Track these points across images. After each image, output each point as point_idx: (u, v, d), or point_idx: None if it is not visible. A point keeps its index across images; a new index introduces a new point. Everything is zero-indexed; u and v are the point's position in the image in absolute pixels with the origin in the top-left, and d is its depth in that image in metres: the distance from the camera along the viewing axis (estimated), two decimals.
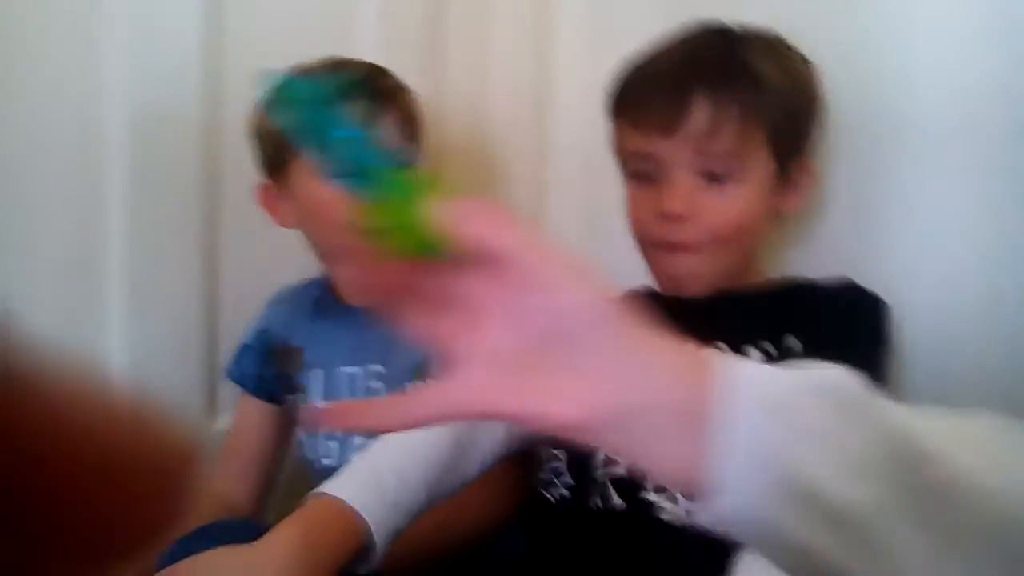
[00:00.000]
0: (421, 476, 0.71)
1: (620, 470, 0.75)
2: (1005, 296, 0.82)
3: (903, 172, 0.88)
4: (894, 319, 0.79)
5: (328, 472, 0.96)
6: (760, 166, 0.79)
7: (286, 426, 1.07)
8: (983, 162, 0.83)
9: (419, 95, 1.00)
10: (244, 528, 0.69)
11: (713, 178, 0.78)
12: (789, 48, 0.83)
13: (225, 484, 1.04)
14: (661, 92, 0.78)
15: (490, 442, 0.79)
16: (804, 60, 0.83)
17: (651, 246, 0.82)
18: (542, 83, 1.18)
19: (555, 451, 0.81)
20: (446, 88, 1.22)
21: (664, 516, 0.73)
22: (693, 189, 0.78)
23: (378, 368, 0.98)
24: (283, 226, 0.99)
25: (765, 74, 0.78)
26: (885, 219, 0.90)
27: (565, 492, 0.79)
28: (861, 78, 0.89)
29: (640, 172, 0.82)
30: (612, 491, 0.75)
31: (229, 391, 1.08)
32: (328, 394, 1.00)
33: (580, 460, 0.78)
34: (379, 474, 0.70)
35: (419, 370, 0.95)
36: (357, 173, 0.38)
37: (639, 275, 0.89)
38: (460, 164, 1.25)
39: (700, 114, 0.76)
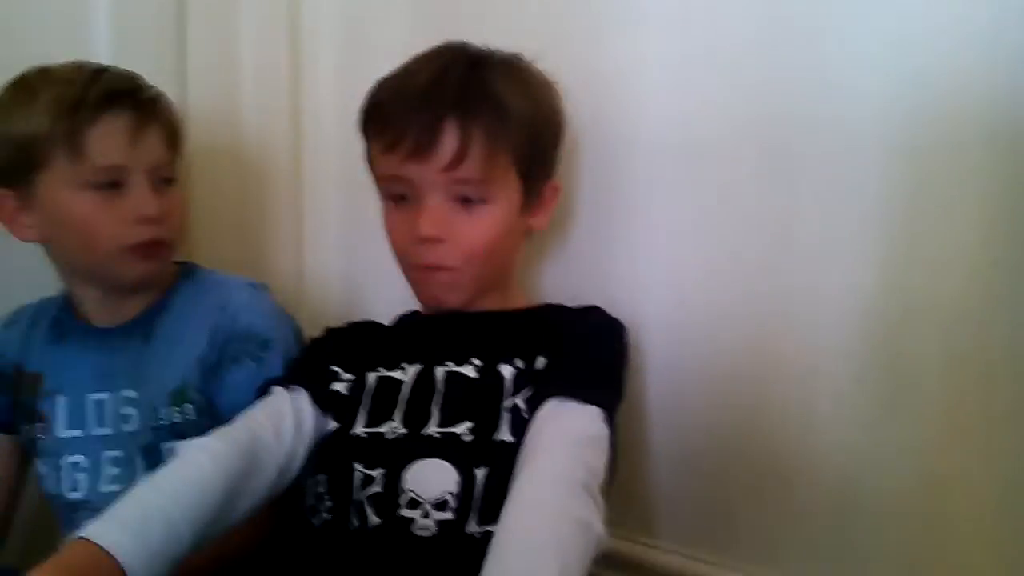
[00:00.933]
0: (190, 521, 0.68)
1: (377, 488, 0.77)
2: (726, 303, 0.91)
3: (635, 189, 0.95)
4: (631, 340, 0.86)
5: (75, 506, 0.92)
6: (508, 188, 0.83)
7: (21, 458, 0.99)
8: (700, 179, 0.92)
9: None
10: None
11: (465, 201, 0.81)
12: (532, 71, 0.87)
13: None
14: (412, 118, 0.79)
15: (263, 484, 0.77)
16: (547, 82, 0.87)
17: (411, 268, 0.85)
18: (294, 97, 1.17)
19: (318, 477, 0.81)
20: (192, 95, 1.17)
21: (417, 531, 0.75)
22: (446, 212, 0.81)
23: (130, 393, 0.93)
24: (23, 239, 0.91)
25: (509, 100, 0.81)
26: (622, 234, 0.97)
27: (327, 516, 0.79)
28: (599, 100, 0.96)
29: (395, 194, 0.84)
30: (369, 510, 0.77)
31: None
32: (73, 422, 0.94)
33: (340, 483, 0.79)
34: (146, 519, 0.66)
35: (175, 395, 0.92)
36: None
37: (395, 288, 0.91)
38: (213, 171, 1.21)
39: (449, 141, 0.78)
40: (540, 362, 0.80)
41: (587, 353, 0.81)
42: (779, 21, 0.85)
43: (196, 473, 0.71)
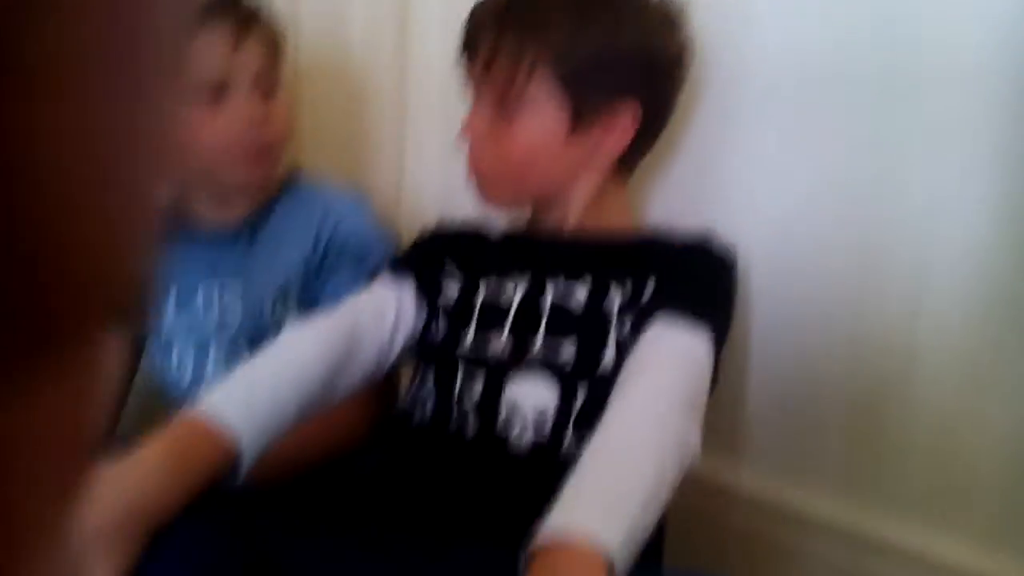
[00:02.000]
0: (294, 397, 0.72)
1: (477, 398, 0.78)
2: (832, 234, 0.88)
3: (743, 116, 0.92)
4: (738, 272, 0.84)
5: (184, 392, 0.97)
6: (548, 98, 0.81)
7: (133, 350, 1.04)
8: (810, 106, 0.88)
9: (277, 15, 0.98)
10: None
11: (503, 108, 0.82)
12: None
13: None
14: (469, 23, 0.84)
15: (361, 367, 0.80)
16: (634, 6, 0.84)
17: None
18: (401, 14, 1.17)
19: (427, 373, 0.83)
20: (303, 11, 1.19)
21: (513, 446, 0.76)
22: (484, 114, 0.83)
23: (235, 286, 0.97)
24: None
25: (553, 15, 0.80)
26: (727, 162, 0.94)
27: (427, 415, 0.81)
28: (707, 26, 0.92)
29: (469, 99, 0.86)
30: (469, 418, 0.78)
31: None
32: (182, 310, 0.98)
33: (444, 387, 0.81)
34: (252, 392, 0.69)
35: (279, 293, 0.95)
36: None
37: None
38: (320, 86, 1.23)
39: (484, 45, 0.81)
40: (649, 287, 0.79)
41: (699, 277, 0.80)
42: None
43: (300, 353, 0.75)
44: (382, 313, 0.83)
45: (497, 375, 0.79)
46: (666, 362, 0.71)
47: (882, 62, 0.83)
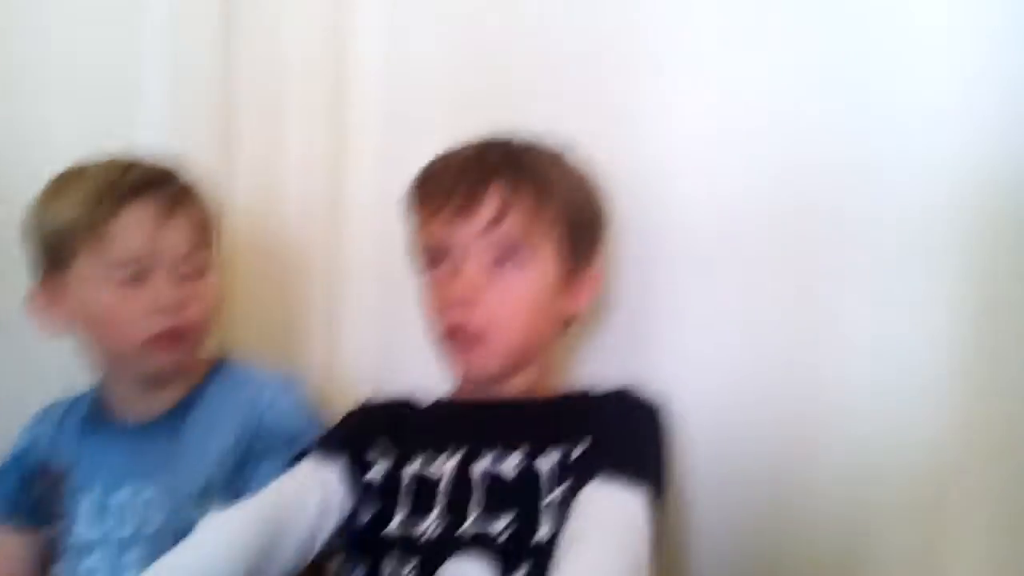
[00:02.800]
0: None
1: None
2: (768, 393, 0.88)
3: (671, 277, 0.94)
4: (669, 422, 0.82)
5: None
6: (546, 259, 0.82)
7: (44, 558, 0.96)
8: (736, 266, 0.90)
9: (210, 190, 0.97)
10: None
11: (501, 263, 0.81)
12: (576, 162, 0.88)
13: None
14: (459, 179, 0.82)
15: (284, 558, 0.75)
16: (591, 176, 0.89)
17: (443, 335, 0.84)
18: (335, 185, 1.18)
19: (356, 568, 0.79)
20: (237, 184, 1.19)
21: None
22: (483, 276, 0.81)
23: (153, 494, 0.91)
24: (52, 333, 0.93)
25: (553, 176, 0.83)
26: (658, 325, 0.95)
27: None
28: (632, 189, 0.95)
29: (435, 261, 0.84)
30: None
31: None
32: (93, 522, 0.91)
33: (375, 573, 0.77)
34: None
35: (200, 494, 0.89)
36: None
37: (430, 384, 0.90)
38: (252, 262, 1.21)
39: (493, 199, 0.80)
40: (578, 449, 0.77)
41: (628, 433, 0.78)
42: (806, 106, 0.86)
43: (216, 548, 0.70)
44: (306, 497, 0.78)
45: (430, 560, 0.75)
46: (604, 531, 0.68)
47: (804, 221, 0.86)
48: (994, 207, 0.77)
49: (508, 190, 0.80)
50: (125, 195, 0.88)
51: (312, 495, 0.79)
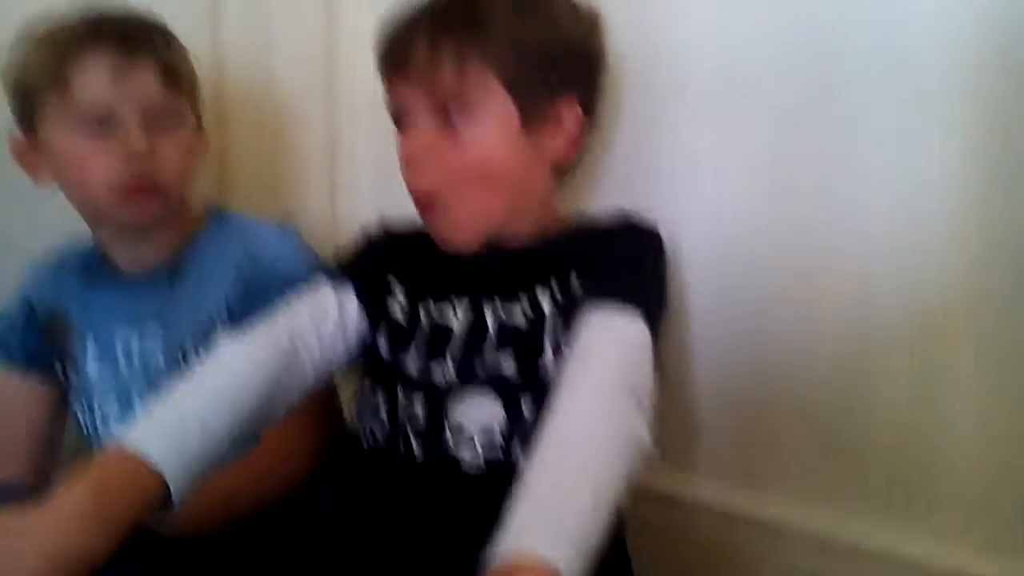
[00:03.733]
0: (227, 424, 0.67)
1: (421, 422, 0.76)
2: (773, 236, 0.87)
3: (679, 119, 0.91)
4: (668, 247, 0.81)
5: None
6: (496, 104, 0.78)
7: (58, 400, 0.99)
8: (748, 109, 0.87)
9: (194, 47, 0.95)
10: (13, 491, 0.63)
11: (449, 121, 0.78)
12: None
13: None
14: (396, 37, 0.80)
15: (300, 381, 0.76)
16: (562, 4, 0.83)
17: (414, 203, 0.82)
18: (328, 39, 1.16)
19: (378, 392, 0.80)
20: (226, 42, 1.16)
21: (463, 465, 0.74)
22: (428, 131, 0.78)
23: (157, 333, 0.93)
24: (40, 184, 0.92)
25: (488, 13, 0.78)
26: (665, 167, 0.93)
27: (379, 437, 0.78)
28: (641, 27, 0.92)
29: (397, 121, 0.82)
30: (414, 442, 0.76)
31: None
32: (101, 363, 0.94)
33: (392, 408, 0.78)
34: (182, 422, 0.65)
35: (202, 335, 0.91)
36: None
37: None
38: (246, 118, 1.20)
39: (420, 53, 0.77)
40: (575, 281, 0.77)
41: (624, 258, 0.77)
42: None
43: (233, 375, 0.70)
44: (323, 319, 0.79)
45: (440, 399, 0.76)
46: (601, 353, 0.68)
47: (819, 62, 0.83)
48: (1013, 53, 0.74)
49: (434, 38, 0.76)
50: (85, 41, 0.86)
51: (329, 315, 0.79)
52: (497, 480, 0.64)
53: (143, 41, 0.88)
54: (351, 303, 0.81)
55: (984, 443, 0.77)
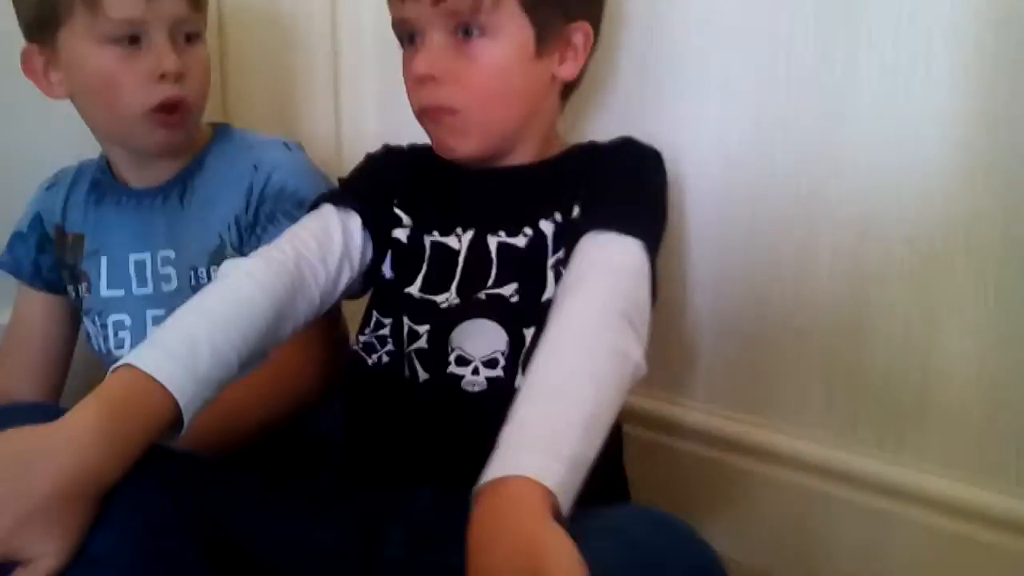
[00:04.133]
0: (237, 347, 0.67)
1: (423, 344, 0.77)
2: (775, 160, 0.88)
3: (684, 40, 0.91)
4: (668, 168, 0.81)
5: None
6: (512, 22, 0.77)
7: (71, 317, 1.01)
8: (754, 29, 0.87)
9: None
10: (38, 411, 0.65)
11: (466, 36, 0.77)
12: None
13: (6, 380, 0.98)
14: None
15: (308, 304, 0.77)
16: None
17: (419, 115, 0.82)
18: None
19: (384, 318, 0.81)
20: None
21: (466, 387, 0.75)
22: (444, 50, 0.77)
23: (168, 253, 0.93)
24: (52, 97, 0.91)
25: None
26: (668, 88, 0.93)
27: (385, 358, 0.80)
28: None
29: (404, 39, 0.81)
30: (417, 364, 0.77)
31: (5, 284, 1.01)
32: (114, 281, 0.95)
33: (398, 331, 0.79)
34: (193, 346, 0.65)
35: (212, 254, 0.91)
36: None
37: None
38: (247, 35, 1.19)
39: None
40: (576, 208, 0.77)
41: (622, 185, 0.77)
42: None
43: (242, 299, 0.70)
44: (328, 244, 0.79)
45: (444, 325, 0.77)
46: (594, 279, 0.69)
47: None
48: None
49: None
50: None
51: (334, 242, 0.79)
52: (500, 403, 0.66)
53: None
54: (356, 229, 0.81)
55: (980, 375, 0.79)
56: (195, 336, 0.66)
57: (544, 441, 0.57)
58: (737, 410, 0.94)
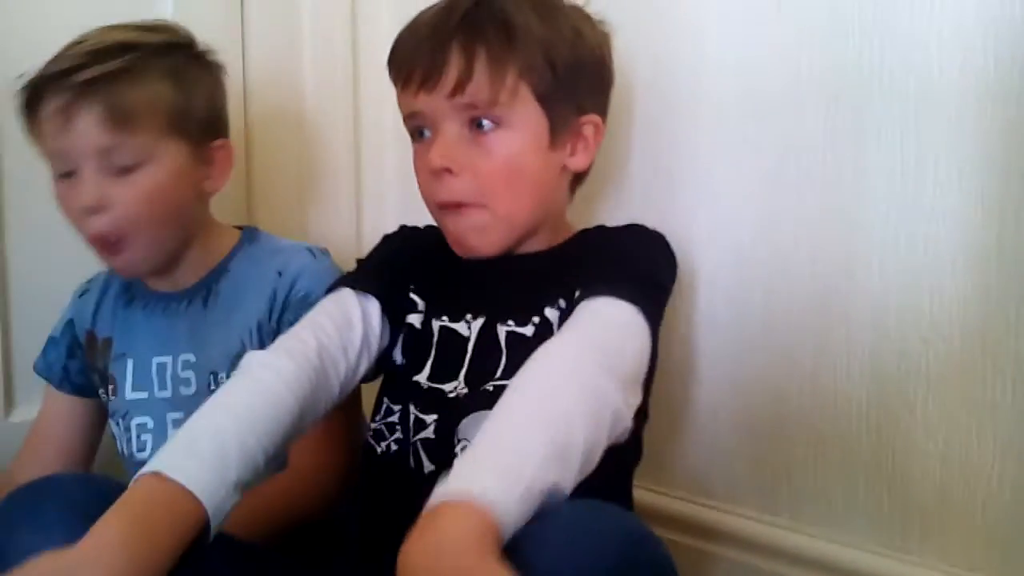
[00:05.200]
0: (264, 446, 0.66)
1: (430, 434, 0.77)
2: (787, 261, 0.89)
3: (694, 141, 0.94)
4: (673, 252, 0.81)
5: (143, 466, 0.94)
6: (527, 114, 0.78)
7: (93, 421, 1.02)
8: (763, 131, 0.89)
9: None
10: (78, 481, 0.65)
11: (479, 128, 0.77)
12: (558, 4, 0.83)
13: (21, 475, 0.98)
14: (419, 48, 0.78)
15: (326, 398, 0.76)
16: (582, 15, 0.84)
17: (435, 211, 0.82)
18: (352, 60, 1.18)
19: (393, 405, 0.81)
20: (251, 61, 1.19)
21: None
22: (459, 142, 0.77)
23: (189, 356, 0.95)
24: None
25: (518, 20, 0.77)
26: (679, 188, 0.95)
27: (393, 447, 0.79)
28: (658, 49, 0.94)
29: (415, 132, 0.82)
30: (423, 454, 0.77)
31: (29, 384, 1.05)
32: (138, 384, 0.96)
33: (405, 418, 0.79)
34: (222, 447, 0.63)
35: (233, 359, 0.93)
36: None
37: None
38: (272, 135, 1.22)
39: (453, 65, 0.76)
40: (578, 292, 0.76)
41: (621, 258, 0.78)
42: None
43: (269, 398, 0.68)
44: (349, 333, 0.78)
45: (451, 416, 0.77)
46: (576, 326, 0.69)
47: (834, 86, 0.84)
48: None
49: (468, 49, 0.75)
50: (45, 84, 0.85)
51: (355, 330, 0.78)
52: None
53: (86, 86, 0.83)
54: (375, 314, 0.81)
55: (1002, 474, 0.78)
56: (223, 438, 0.64)
57: (495, 462, 0.56)
58: (758, 511, 0.93)
